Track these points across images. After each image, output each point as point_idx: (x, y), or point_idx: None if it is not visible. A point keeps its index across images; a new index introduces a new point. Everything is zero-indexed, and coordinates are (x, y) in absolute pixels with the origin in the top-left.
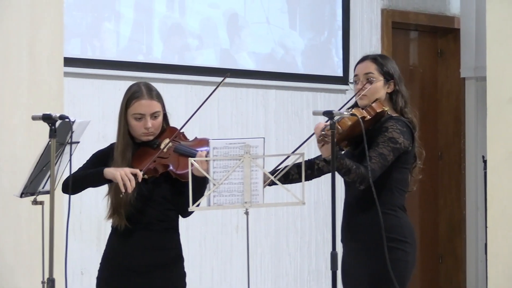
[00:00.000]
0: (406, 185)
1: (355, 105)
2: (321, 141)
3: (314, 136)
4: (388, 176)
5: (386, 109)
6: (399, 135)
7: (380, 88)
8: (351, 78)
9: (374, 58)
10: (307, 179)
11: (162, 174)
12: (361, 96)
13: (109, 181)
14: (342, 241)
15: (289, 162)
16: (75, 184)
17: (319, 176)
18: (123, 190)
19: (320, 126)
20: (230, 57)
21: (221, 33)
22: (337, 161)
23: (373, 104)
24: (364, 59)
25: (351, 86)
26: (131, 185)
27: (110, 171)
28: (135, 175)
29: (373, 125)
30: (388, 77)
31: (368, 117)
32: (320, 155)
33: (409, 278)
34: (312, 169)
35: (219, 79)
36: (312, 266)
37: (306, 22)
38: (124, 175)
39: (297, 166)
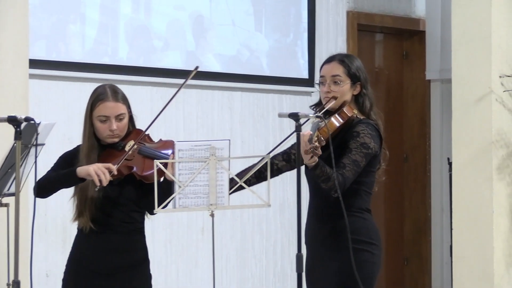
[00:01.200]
0: (372, 187)
1: (320, 104)
2: (311, 153)
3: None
4: (357, 180)
5: (355, 112)
6: (370, 139)
7: (347, 90)
8: (317, 80)
9: (341, 60)
10: (264, 179)
11: (127, 176)
12: (328, 99)
13: (82, 180)
14: (306, 243)
15: (255, 163)
16: (47, 186)
17: (278, 175)
18: (98, 184)
19: (307, 135)
20: (196, 59)
21: (186, 35)
22: (318, 169)
23: (345, 109)
24: (331, 59)
25: (317, 87)
26: (105, 178)
27: (82, 169)
28: (108, 169)
29: (343, 129)
30: (354, 79)
31: (342, 121)
32: (276, 155)
33: (376, 280)
34: (271, 170)
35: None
36: (278, 268)
37: (271, 24)
38: (97, 169)
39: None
